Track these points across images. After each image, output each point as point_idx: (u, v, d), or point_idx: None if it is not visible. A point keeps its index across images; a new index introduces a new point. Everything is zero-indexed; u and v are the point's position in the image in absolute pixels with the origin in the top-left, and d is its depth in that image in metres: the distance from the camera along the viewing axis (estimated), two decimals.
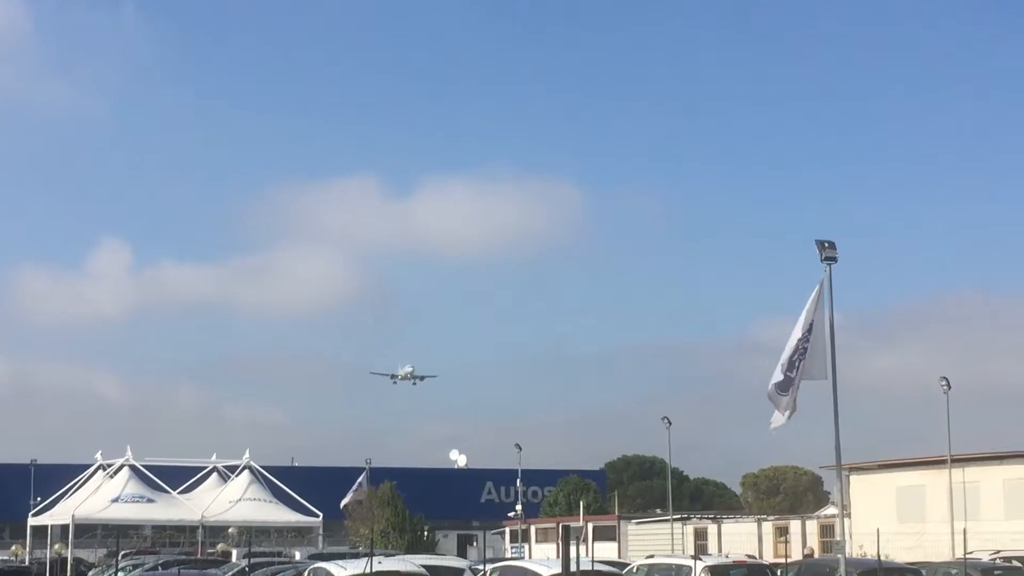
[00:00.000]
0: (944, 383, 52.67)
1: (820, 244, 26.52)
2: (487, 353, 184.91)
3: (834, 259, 26.20)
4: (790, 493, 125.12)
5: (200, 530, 74.60)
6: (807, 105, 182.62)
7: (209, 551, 70.27)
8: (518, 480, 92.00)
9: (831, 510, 70.41)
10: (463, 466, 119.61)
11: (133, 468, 77.50)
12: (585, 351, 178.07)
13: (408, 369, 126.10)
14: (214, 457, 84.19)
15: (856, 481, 57.24)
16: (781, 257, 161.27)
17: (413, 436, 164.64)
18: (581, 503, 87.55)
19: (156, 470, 79.44)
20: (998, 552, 44.14)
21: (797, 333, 27.30)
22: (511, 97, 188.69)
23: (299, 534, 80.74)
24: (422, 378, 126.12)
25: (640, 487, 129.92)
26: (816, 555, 47.63)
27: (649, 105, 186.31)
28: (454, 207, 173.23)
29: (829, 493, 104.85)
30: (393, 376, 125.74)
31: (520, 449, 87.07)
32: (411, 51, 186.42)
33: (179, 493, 78.85)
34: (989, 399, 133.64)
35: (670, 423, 71.08)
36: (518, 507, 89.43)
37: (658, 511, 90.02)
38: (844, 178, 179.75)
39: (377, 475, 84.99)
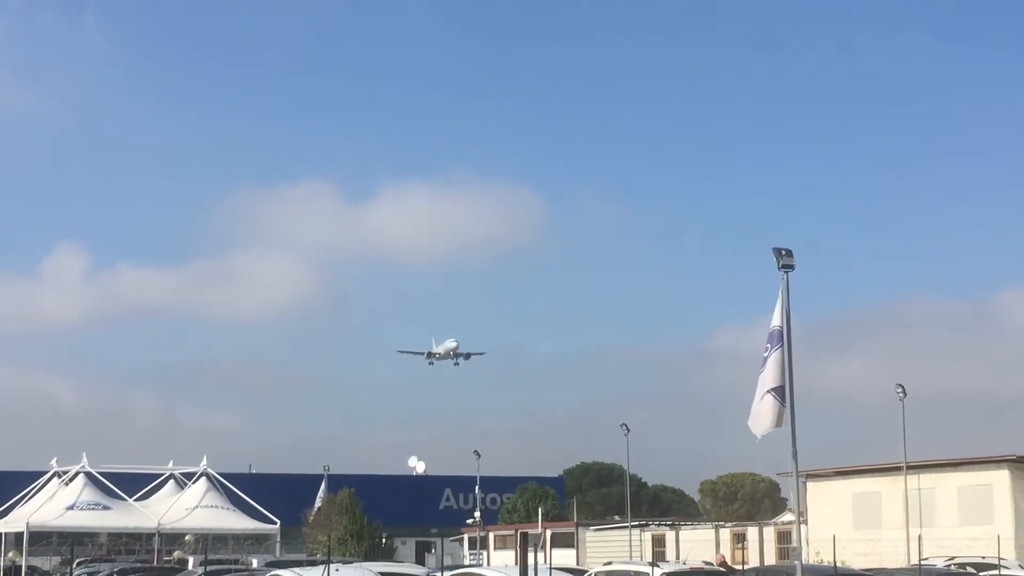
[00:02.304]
0: (900, 390, 53.00)
1: (777, 252, 26.54)
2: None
3: (791, 267, 26.22)
4: (748, 500, 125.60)
5: (156, 537, 74.09)
6: (765, 113, 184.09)
7: (165, 559, 69.90)
8: (477, 487, 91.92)
9: (788, 516, 70.75)
10: (422, 473, 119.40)
11: (89, 475, 76.94)
12: (544, 357, 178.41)
13: (451, 345, 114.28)
14: (171, 464, 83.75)
15: (813, 488, 57.53)
16: (740, 265, 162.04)
17: (372, 442, 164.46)
18: (540, 510, 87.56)
19: (112, 477, 78.89)
20: (952, 559, 44.46)
21: (775, 340, 27.17)
22: (472, 103, 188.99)
23: (256, 541, 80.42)
24: (467, 356, 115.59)
25: (599, 494, 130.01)
26: (730, 562, 47.72)
27: (609, 112, 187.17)
28: (414, 212, 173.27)
29: (786, 499, 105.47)
30: (430, 355, 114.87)
31: (479, 456, 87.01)
32: (372, 58, 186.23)
33: (135, 500, 78.32)
34: (944, 406, 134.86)
35: (628, 430, 71.17)
36: (476, 514, 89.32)
37: (616, 518, 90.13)
38: (803, 186, 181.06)
39: (335, 482, 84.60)
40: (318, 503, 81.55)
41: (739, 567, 42.26)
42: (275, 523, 79.37)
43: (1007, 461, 49.00)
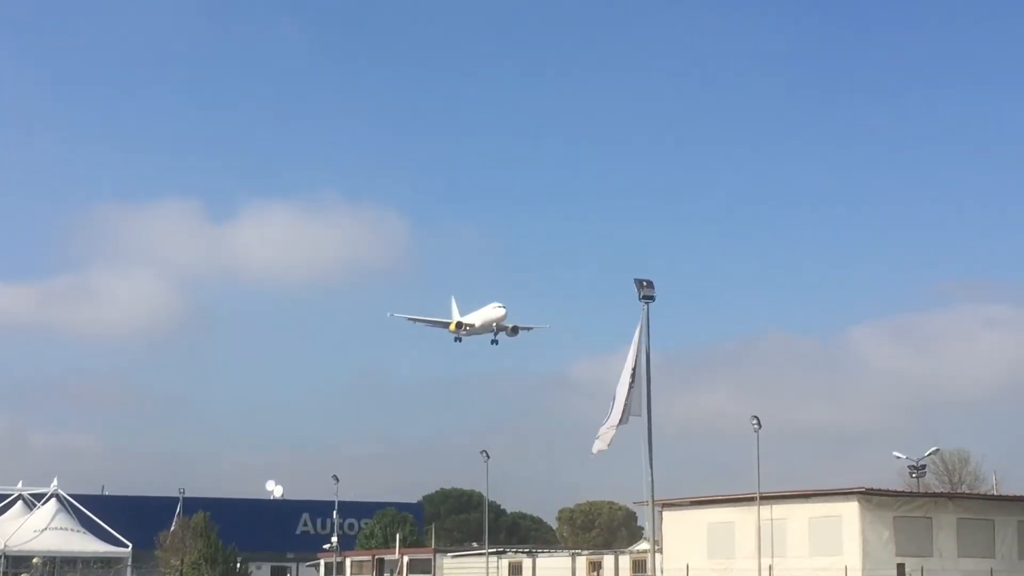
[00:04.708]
0: (755, 422, 53.88)
1: (639, 283, 26.97)
2: (307, 382, 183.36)
3: (652, 298, 26.68)
4: (605, 528, 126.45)
5: (2, 560, 72.18)
6: (628, 148, 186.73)
7: None
8: (335, 512, 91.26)
9: (644, 545, 71.39)
10: (279, 497, 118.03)
11: None
12: (405, 383, 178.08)
13: (494, 314, 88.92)
14: (20, 484, 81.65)
15: (668, 517, 58.12)
16: (602, 295, 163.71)
17: (229, 465, 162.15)
18: (397, 536, 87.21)
19: None
20: None
21: (628, 369, 27.70)
22: (338, 125, 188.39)
23: (107, 565, 78.85)
24: (515, 330, 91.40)
25: (457, 520, 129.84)
26: None
27: (475, 139, 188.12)
28: (277, 233, 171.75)
29: (643, 528, 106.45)
30: (459, 326, 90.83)
31: (337, 480, 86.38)
32: (237, 78, 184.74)
33: None
34: (798, 438, 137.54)
35: (489, 456, 71.32)
36: (334, 539, 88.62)
37: (475, 545, 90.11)
38: (666, 219, 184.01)
39: (191, 505, 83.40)
40: (173, 526, 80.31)
41: None
42: (127, 546, 77.95)
43: (856, 493, 50.04)
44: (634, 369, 28.03)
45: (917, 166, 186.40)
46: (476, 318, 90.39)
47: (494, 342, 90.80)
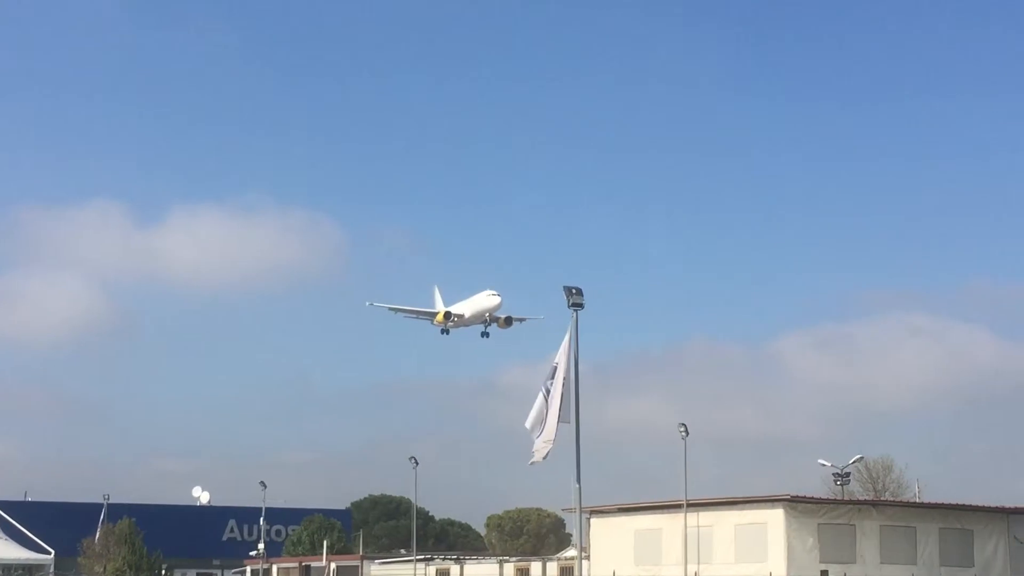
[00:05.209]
0: (683, 429, 54.24)
1: (568, 290, 27.12)
2: (235, 387, 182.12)
3: (580, 305, 26.81)
4: (533, 535, 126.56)
5: None
6: (551, 153, 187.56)
7: None
8: (262, 518, 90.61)
9: (572, 552, 71.58)
10: (206, 503, 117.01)
11: None
12: (334, 388, 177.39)
13: (487, 303, 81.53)
14: None
15: (596, 524, 58.31)
16: (531, 302, 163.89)
17: (155, 471, 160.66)
18: (325, 542, 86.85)
19: None
20: None
21: (559, 376, 27.82)
22: (267, 128, 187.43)
23: (29, 572, 77.80)
24: (508, 320, 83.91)
25: (386, 527, 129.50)
26: None
27: (405, 145, 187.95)
28: (205, 237, 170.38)
29: (571, 535, 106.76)
30: (448, 316, 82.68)
31: (265, 487, 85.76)
32: (164, 80, 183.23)
33: None
34: (725, 445, 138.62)
35: (417, 463, 71.24)
36: (260, 546, 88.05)
37: (403, 551, 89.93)
38: (592, 228, 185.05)
39: (115, 511, 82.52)
40: (97, 533, 79.46)
41: None
42: (49, 553, 76.91)
43: (781, 501, 50.52)
44: (564, 377, 28.17)
45: (841, 176, 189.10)
46: (466, 308, 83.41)
47: (484, 335, 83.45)
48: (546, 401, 28.30)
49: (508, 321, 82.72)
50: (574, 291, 27.16)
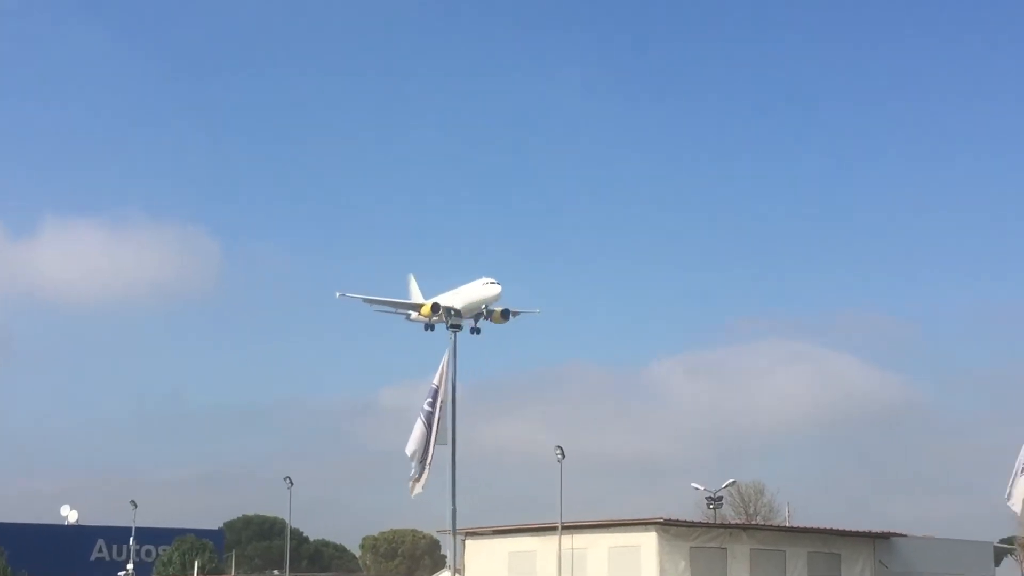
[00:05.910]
0: (559, 452, 54.54)
1: (446, 311, 27.23)
2: (107, 406, 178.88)
3: (459, 327, 26.95)
4: (408, 556, 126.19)
5: None
6: (445, 170, 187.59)
7: None
8: (131, 538, 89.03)
9: (446, 574, 71.52)
10: (74, 522, 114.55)
11: None
12: (208, 406, 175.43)
13: (486, 293, 71.63)
14: None
15: (471, 545, 58.36)
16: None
17: (21, 489, 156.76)
18: (196, 563, 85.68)
19: None
20: None
21: (438, 400, 27.92)
22: (142, 139, 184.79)
23: None
24: (505, 314, 74.02)
25: (259, 547, 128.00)
26: None
27: (290, 161, 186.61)
28: (79, 251, 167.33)
29: (446, 557, 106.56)
30: (436, 309, 68.27)
31: (135, 506, 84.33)
32: (36, 87, 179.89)
33: None
34: (602, 468, 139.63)
35: (292, 483, 70.61)
36: (130, 566, 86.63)
37: (276, 572, 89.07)
38: (473, 250, 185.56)
39: None
40: None
41: None
42: None
43: (655, 524, 51.03)
44: (442, 400, 28.26)
45: (717, 202, 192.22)
46: (460, 299, 71.00)
47: (475, 331, 71.77)
48: (425, 427, 28.35)
49: (505, 314, 74.36)
50: (453, 312, 27.33)
